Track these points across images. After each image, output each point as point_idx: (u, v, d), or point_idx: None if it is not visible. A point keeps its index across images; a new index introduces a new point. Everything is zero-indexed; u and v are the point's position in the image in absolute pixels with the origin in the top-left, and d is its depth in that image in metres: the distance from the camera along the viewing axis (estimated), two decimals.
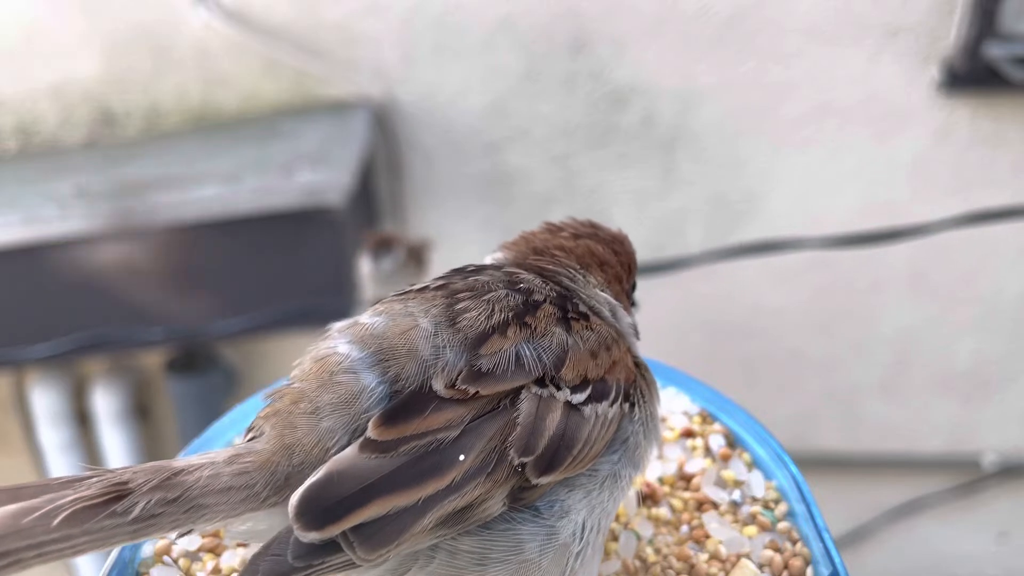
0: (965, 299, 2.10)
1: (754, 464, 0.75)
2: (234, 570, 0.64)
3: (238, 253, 1.80)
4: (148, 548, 0.66)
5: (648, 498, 0.72)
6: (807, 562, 0.64)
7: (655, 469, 0.76)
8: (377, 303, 0.62)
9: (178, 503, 0.49)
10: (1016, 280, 2.08)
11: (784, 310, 2.15)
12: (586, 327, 0.60)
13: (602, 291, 0.68)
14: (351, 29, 1.92)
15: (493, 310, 0.57)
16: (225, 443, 0.76)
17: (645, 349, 0.88)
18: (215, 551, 0.66)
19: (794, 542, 0.67)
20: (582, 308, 0.62)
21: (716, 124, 1.97)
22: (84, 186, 1.83)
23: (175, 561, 0.65)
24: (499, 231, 2.06)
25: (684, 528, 0.69)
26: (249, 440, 0.55)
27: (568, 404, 0.56)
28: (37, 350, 1.71)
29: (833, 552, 0.64)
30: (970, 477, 2.31)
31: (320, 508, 0.49)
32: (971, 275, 2.07)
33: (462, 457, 0.51)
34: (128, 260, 1.80)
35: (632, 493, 0.71)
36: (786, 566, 0.64)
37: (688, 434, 0.78)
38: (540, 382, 0.55)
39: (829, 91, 1.91)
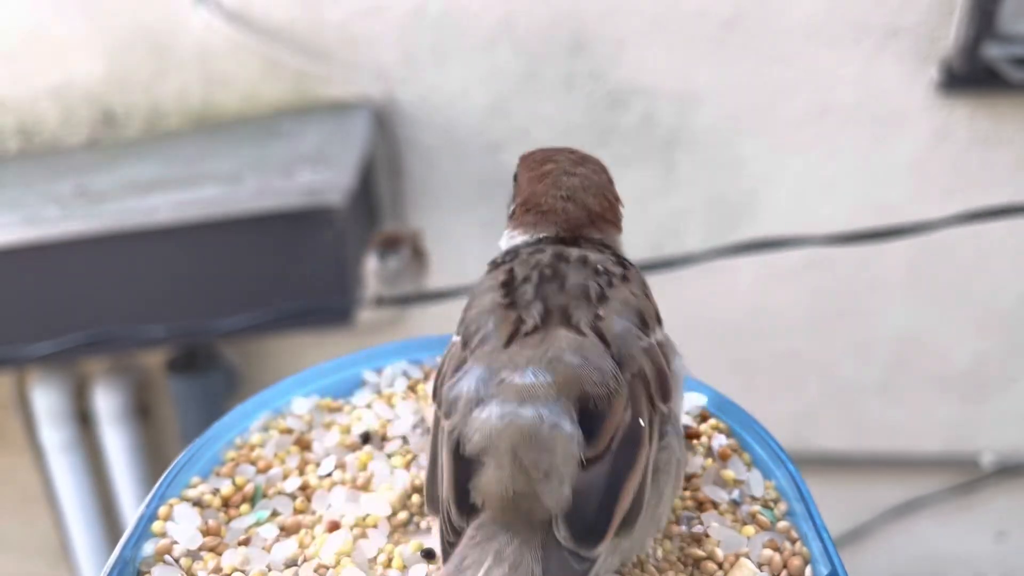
0: (964, 299, 2.11)
1: (753, 463, 0.75)
2: (235, 569, 0.64)
3: (239, 253, 1.81)
4: (149, 547, 0.66)
5: None
6: (806, 561, 0.65)
7: None
8: (504, 352, 0.62)
9: None
10: (1015, 280, 2.08)
11: (783, 310, 2.15)
12: (629, 277, 0.67)
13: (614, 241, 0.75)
14: (352, 30, 1.92)
15: (593, 301, 0.63)
16: (226, 443, 0.77)
17: None
18: (216, 550, 0.66)
19: (793, 541, 0.67)
20: (624, 261, 0.70)
21: (716, 124, 1.97)
22: (85, 186, 1.83)
23: (176, 560, 0.65)
24: (499, 231, 2.06)
25: (683, 527, 0.69)
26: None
27: (658, 343, 0.64)
28: (38, 349, 1.71)
29: (832, 551, 0.64)
30: (969, 477, 2.32)
31: (588, 526, 0.55)
32: (970, 275, 2.08)
33: (642, 422, 0.59)
34: (129, 260, 1.80)
35: None
36: (785, 565, 0.65)
37: (688, 434, 0.78)
38: (641, 338, 0.63)
39: (828, 91, 1.92)
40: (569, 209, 0.71)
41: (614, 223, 0.73)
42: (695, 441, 0.77)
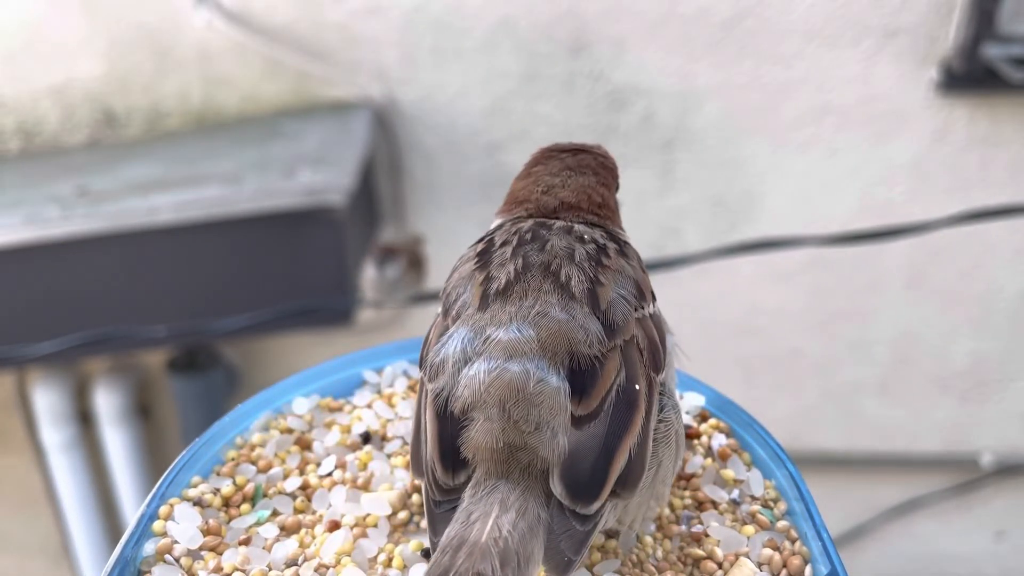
0: (963, 299, 2.11)
1: (753, 463, 0.75)
2: (236, 568, 0.65)
3: (239, 253, 1.81)
4: (150, 547, 0.66)
5: None
6: (806, 560, 0.65)
7: None
8: (486, 311, 0.63)
9: None
10: (1014, 280, 2.08)
11: (782, 309, 2.15)
12: (627, 252, 0.69)
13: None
14: (352, 30, 1.92)
15: (585, 267, 0.65)
16: (227, 443, 0.77)
17: None
18: (217, 549, 0.67)
19: (793, 541, 0.67)
20: (621, 237, 0.72)
21: (716, 124, 1.97)
22: (86, 186, 1.83)
23: (177, 560, 0.65)
24: None
25: (683, 527, 0.70)
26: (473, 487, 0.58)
27: (651, 315, 0.66)
28: (39, 349, 1.71)
29: (831, 550, 0.65)
30: (968, 477, 2.32)
31: (584, 483, 0.56)
32: (969, 275, 2.08)
33: (637, 387, 0.60)
34: (129, 260, 1.81)
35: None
36: (785, 564, 0.65)
37: (688, 434, 0.78)
38: (637, 310, 0.65)
39: (828, 92, 1.92)
40: (543, 200, 0.74)
41: (595, 214, 0.74)
42: (695, 441, 0.78)
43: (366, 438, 0.77)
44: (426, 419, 0.61)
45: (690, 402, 0.81)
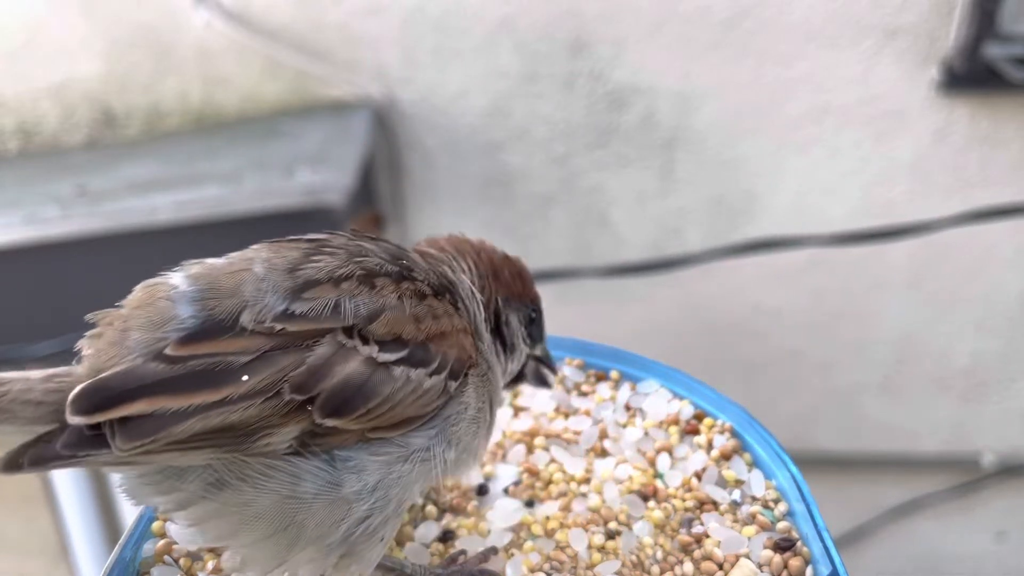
0: (964, 299, 2.11)
1: (754, 464, 0.75)
2: (236, 569, 0.65)
3: None
4: (149, 547, 0.66)
5: (649, 498, 0.72)
6: (806, 561, 0.65)
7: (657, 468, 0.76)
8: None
9: None
10: (1015, 280, 2.08)
11: (784, 310, 2.15)
12: (423, 295, 0.63)
13: (472, 286, 0.72)
14: (352, 30, 1.92)
15: (342, 266, 0.60)
16: None
17: (645, 348, 0.88)
18: (216, 551, 0.67)
19: (794, 541, 0.67)
20: (446, 284, 0.68)
21: (716, 124, 1.97)
22: (85, 186, 1.83)
23: (176, 561, 0.66)
24: (499, 231, 2.06)
25: (684, 528, 0.69)
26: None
27: (372, 359, 0.57)
28: (39, 349, 1.71)
29: (832, 551, 0.64)
30: (969, 477, 2.32)
31: (95, 398, 0.52)
32: (970, 275, 2.08)
33: (246, 378, 0.53)
34: (129, 260, 1.80)
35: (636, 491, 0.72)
36: (785, 565, 0.65)
37: (691, 431, 0.78)
38: (349, 334, 0.57)
39: (828, 91, 1.92)
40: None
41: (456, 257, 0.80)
42: (695, 438, 0.78)
43: None
44: None
45: (683, 404, 0.81)
